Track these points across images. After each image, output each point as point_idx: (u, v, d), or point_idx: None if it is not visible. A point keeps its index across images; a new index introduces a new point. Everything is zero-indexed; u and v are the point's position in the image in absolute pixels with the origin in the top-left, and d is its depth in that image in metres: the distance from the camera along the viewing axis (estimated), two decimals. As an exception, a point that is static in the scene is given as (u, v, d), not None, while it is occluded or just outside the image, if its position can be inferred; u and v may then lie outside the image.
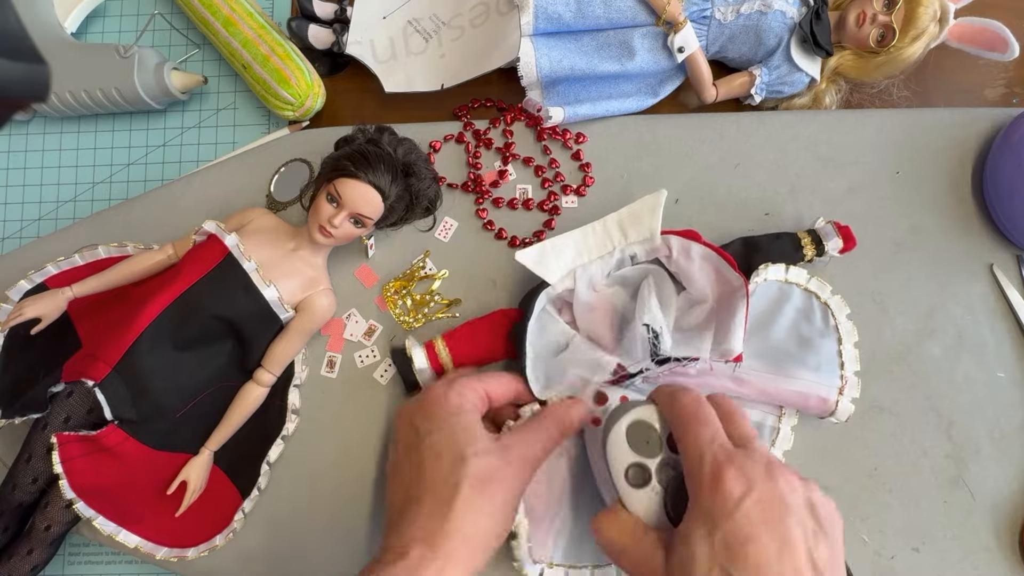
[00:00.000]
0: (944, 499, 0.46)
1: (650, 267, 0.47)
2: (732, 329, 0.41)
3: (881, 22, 0.48)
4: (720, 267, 0.44)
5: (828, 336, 0.45)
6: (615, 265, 0.46)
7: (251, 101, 0.57)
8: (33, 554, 0.45)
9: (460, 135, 0.52)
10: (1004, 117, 0.51)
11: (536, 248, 0.45)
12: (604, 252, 0.46)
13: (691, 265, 0.45)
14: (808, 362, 0.44)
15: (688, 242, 0.45)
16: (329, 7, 0.55)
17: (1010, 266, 0.49)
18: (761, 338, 0.45)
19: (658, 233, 0.45)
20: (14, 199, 0.56)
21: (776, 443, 0.45)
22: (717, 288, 0.45)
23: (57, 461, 0.43)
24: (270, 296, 0.45)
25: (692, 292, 0.45)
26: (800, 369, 0.44)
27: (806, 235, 0.47)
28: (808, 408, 0.44)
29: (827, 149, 0.51)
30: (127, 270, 0.48)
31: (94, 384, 0.43)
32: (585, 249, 0.46)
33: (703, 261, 0.45)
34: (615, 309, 0.46)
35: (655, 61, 0.50)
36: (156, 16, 0.58)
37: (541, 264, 0.45)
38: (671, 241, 0.45)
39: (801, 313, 0.46)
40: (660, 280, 0.46)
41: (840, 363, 0.45)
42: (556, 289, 0.45)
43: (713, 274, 0.45)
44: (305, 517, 0.47)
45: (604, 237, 0.46)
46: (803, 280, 0.46)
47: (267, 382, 0.47)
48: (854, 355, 0.45)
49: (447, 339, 0.46)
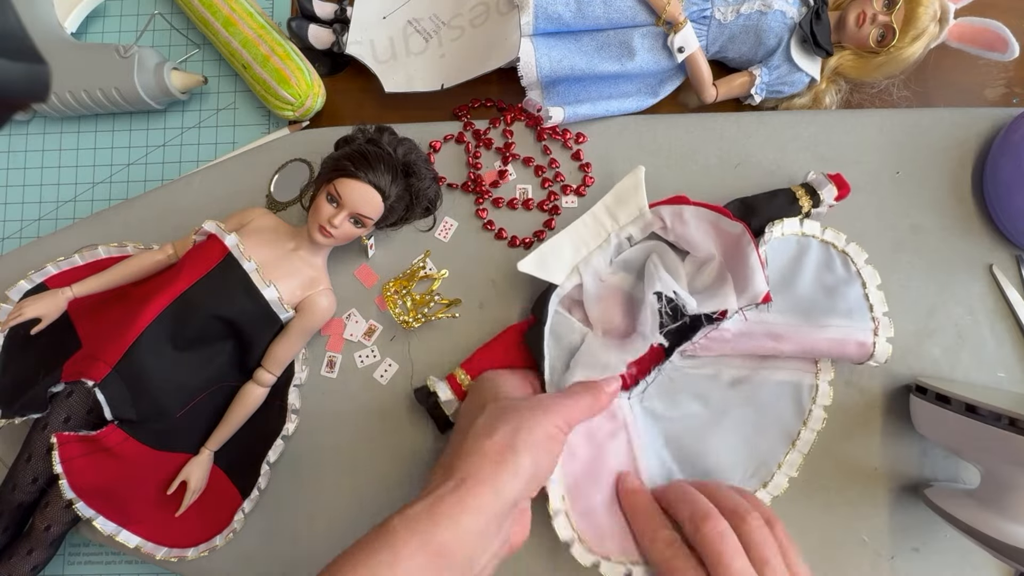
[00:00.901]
0: (942, 497, 0.46)
1: (649, 243, 0.47)
2: (750, 274, 0.42)
3: (881, 22, 0.48)
4: (716, 221, 0.45)
5: (852, 282, 0.46)
6: (615, 251, 0.47)
7: (251, 101, 0.57)
8: (33, 554, 0.45)
9: (460, 135, 0.52)
10: (1004, 117, 0.51)
11: (535, 254, 0.45)
12: (601, 240, 0.46)
13: (687, 228, 0.45)
14: (839, 308, 0.45)
15: (679, 207, 0.46)
16: (329, 7, 0.55)
17: (1010, 266, 0.49)
18: (788, 294, 0.45)
19: (647, 208, 0.46)
20: (14, 199, 0.56)
21: (816, 400, 0.46)
22: (720, 242, 0.45)
23: (57, 461, 0.43)
24: (270, 296, 0.45)
25: (697, 253, 0.46)
26: (833, 317, 0.44)
27: (800, 188, 0.47)
28: (846, 355, 0.45)
29: (827, 149, 0.51)
30: (127, 270, 0.48)
31: (94, 384, 0.43)
32: (581, 242, 0.46)
33: (698, 220, 0.45)
34: (625, 294, 0.46)
35: (655, 61, 0.50)
36: (156, 16, 0.58)
37: (543, 268, 0.45)
38: (662, 212, 0.46)
39: (822, 264, 0.47)
40: (662, 253, 0.47)
41: (869, 306, 0.45)
42: (565, 288, 0.45)
43: (712, 230, 0.45)
44: (305, 517, 0.47)
45: (596, 226, 0.46)
46: (818, 232, 0.47)
47: (267, 382, 0.47)
48: (880, 297, 0.46)
49: (466, 367, 0.46)
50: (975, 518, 0.40)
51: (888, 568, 0.46)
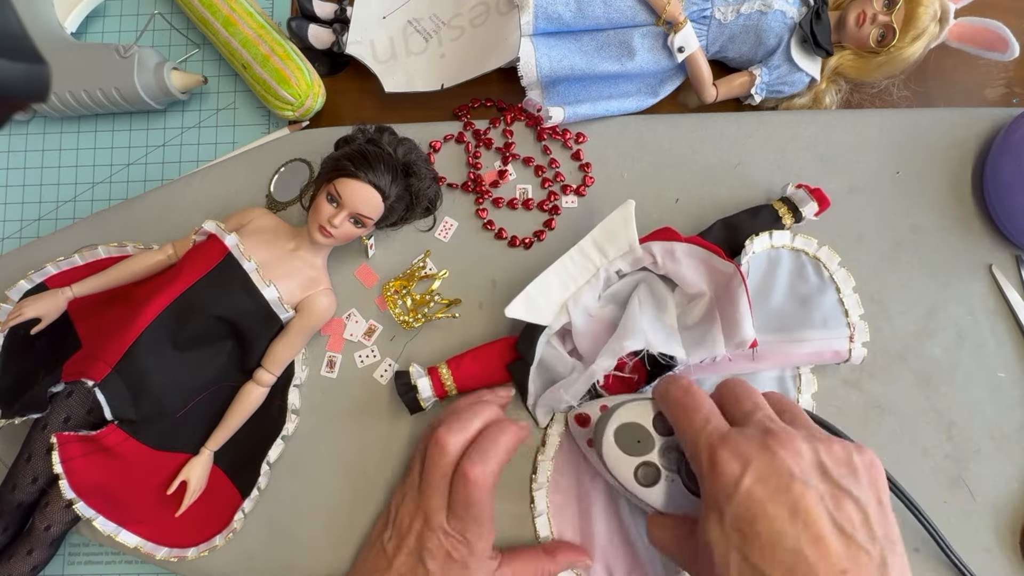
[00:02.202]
0: (944, 499, 0.46)
1: (639, 274, 0.46)
2: (739, 319, 0.41)
3: (881, 22, 0.48)
4: (708, 259, 0.44)
5: (826, 289, 0.46)
6: (603, 285, 0.46)
7: (251, 101, 0.57)
8: (33, 554, 0.45)
9: (460, 135, 0.52)
10: (1004, 117, 0.51)
11: (522, 296, 0.44)
12: (589, 276, 0.45)
13: (679, 266, 0.44)
14: (814, 319, 0.45)
15: (670, 244, 0.44)
16: (329, 7, 0.55)
17: (1010, 266, 0.49)
18: (763, 309, 0.45)
19: (636, 244, 0.44)
20: (14, 199, 0.56)
21: (802, 388, 0.46)
22: (711, 280, 0.44)
23: (57, 461, 0.43)
24: (270, 296, 0.45)
25: (688, 290, 0.45)
26: (808, 330, 0.44)
27: (781, 204, 0.47)
28: (823, 361, 0.45)
29: (827, 149, 0.51)
30: (127, 270, 0.48)
31: (94, 384, 0.43)
32: (570, 279, 0.45)
33: (689, 258, 0.44)
34: (614, 327, 0.45)
35: (655, 61, 0.50)
36: (156, 16, 0.58)
37: (532, 309, 0.44)
38: (653, 248, 0.45)
39: (794, 273, 0.47)
40: (652, 284, 0.46)
41: (844, 311, 0.45)
42: (554, 328, 0.45)
43: (703, 267, 0.44)
44: (305, 517, 0.47)
45: (584, 261, 0.45)
46: (788, 241, 0.47)
47: (267, 382, 0.47)
48: (855, 300, 0.46)
49: (452, 367, 0.46)
50: None
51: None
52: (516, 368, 0.45)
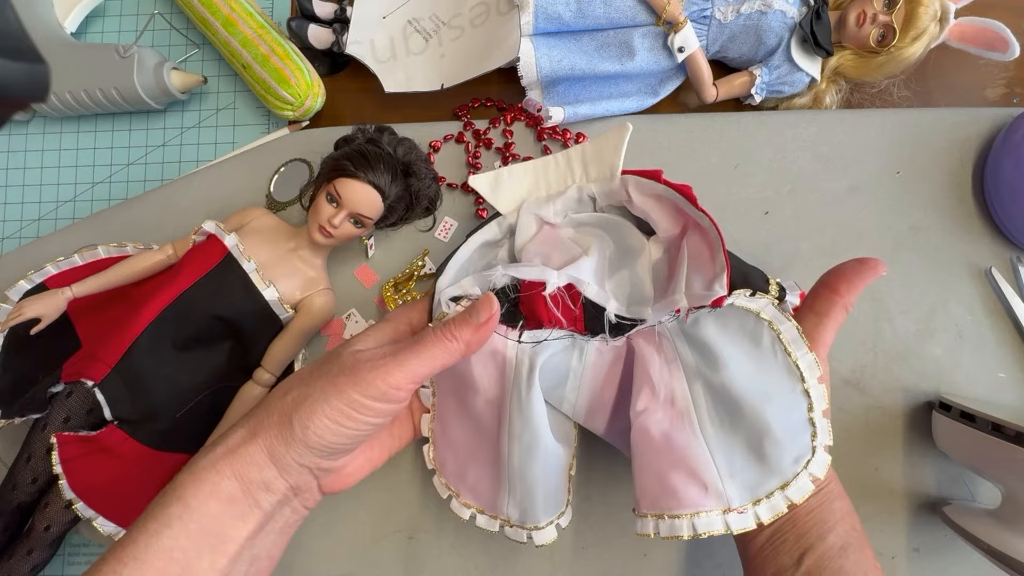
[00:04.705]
0: (946, 499, 0.46)
1: (612, 219, 0.42)
2: (715, 272, 0.35)
3: (881, 22, 0.48)
4: (685, 207, 0.39)
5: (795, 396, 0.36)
6: (574, 204, 0.43)
7: (251, 101, 0.57)
8: (33, 554, 0.45)
9: (460, 135, 0.52)
10: (1005, 117, 0.51)
11: (491, 174, 0.42)
12: (563, 187, 0.42)
13: (651, 207, 0.40)
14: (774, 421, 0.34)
15: (649, 183, 0.40)
16: (329, 7, 0.55)
17: (1010, 266, 0.49)
18: (721, 378, 0.35)
19: (618, 172, 0.41)
20: (14, 199, 0.56)
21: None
22: (679, 226, 0.40)
23: (57, 461, 0.42)
24: (270, 296, 0.45)
25: (660, 234, 0.41)
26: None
27: (774, 280, 0.38)
28: None
29: (827, 149, 0.51)
30: (127, 270, 0.48)
31: (94, 384, 0.43)
32: (543, 181, 0.43)
33: (663, 202, 0.40)
34: (560, 247, 0.41)
35: (655, 61, 0.50)
36: (156, 16, 0.58)
37: (495, 191, 0.42)
38: (629, 184, 0.41)
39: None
40: (623, 232, 0.42)
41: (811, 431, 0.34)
42: (506, 221, 0.42)
43: (678, 215, 0.40)
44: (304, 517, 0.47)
45: (565, 170, 0.42)
46: (768, 314, 0.35)
47: (267, 382, 0.47)
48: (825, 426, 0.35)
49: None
50: (995, 537, 0.40)
51: (888, 568, 0.46)
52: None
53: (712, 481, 0.33)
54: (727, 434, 0.34)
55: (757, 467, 0.33)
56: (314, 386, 0.33)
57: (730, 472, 0.33)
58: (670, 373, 0.36)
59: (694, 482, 0.33)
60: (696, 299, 0.35)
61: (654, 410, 0.35)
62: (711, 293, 0.35)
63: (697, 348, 0.36)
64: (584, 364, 0.39)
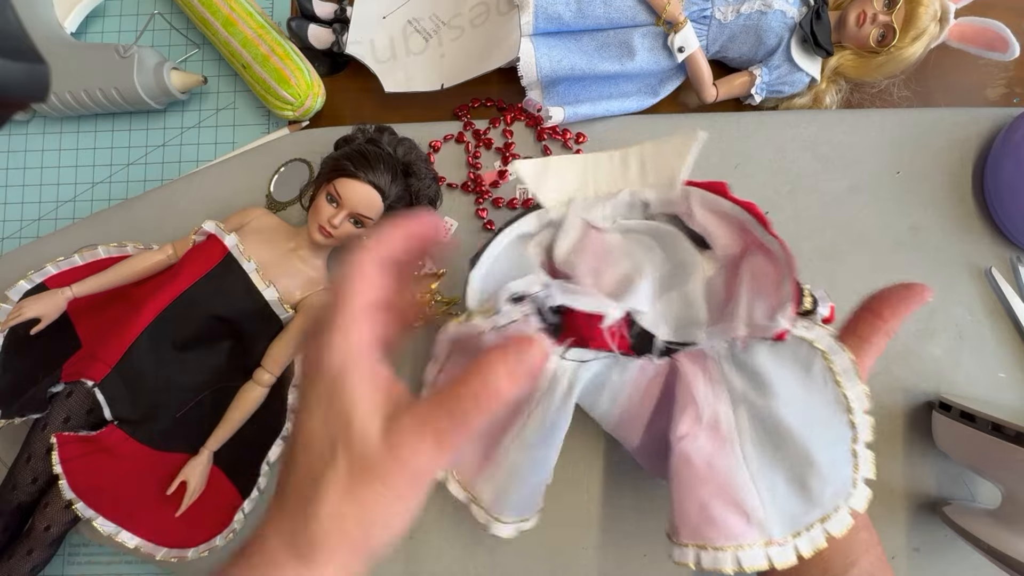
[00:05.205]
0: (945, 499, 0.46)
1: (661, 227, 0.39)
2: (779, 301, 0.33)
3: (881, 22, 0.48)
4: (752, 227, 0.36)
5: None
6: (624, 209, 0.39)
7: (251, 101, 0.57)
8: (33, 554, 0.45)
9: (460, 135, 0.52)
10: (1005, 117, 0.51)
11: (540, 160, 0.38)
12: (613, 187, 0.38)
13: (713, 224, 0.37)
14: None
15: (713, 198, 0.37)
16: (329, 7, 0.55)
17: (1010, 266, 0.49)
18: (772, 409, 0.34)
19: (679, 182, 0.37)
20: (14, 199, 0.56)
21: None
22: (740, 245, 0.37)
23: (57, 461, 0.43)
24: (270, 296, 0.45)
25: (719, 252, 0.38)
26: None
27: (808, 291, 0.36)
28: None
29: (827, 149, 0.51)
30: (127, 270, 0.48)
31: (94, 384, 0.43)
32: (592, 178, 0.39)
33: (728, 221, 0.37)
34: (607, 256, 0.38)
35: (655, 61, 0.50)
36: (156, 16, 0.58)
37: (539, 179, 0.38)
38: (691, 197, 0.37)
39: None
40: (676, 244, 0.38)
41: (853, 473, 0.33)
42: (547, 215, 0.38)
43: (741, 235, 0.37)
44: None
45: (619, 170, 0.38)
46: (827, 346, 0.34)
47: (267, 382, 0.47)
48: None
49: None
50: (995, 537, 0.40)
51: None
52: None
53: (754, 511, 0.32)
54: (770, 462, 0.33)
55: (799, 498, 0.32)
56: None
57: (772, 502, 0.32)
58: (715, 395, 0.35)
59: (736, 511, 0.32)
60: (758, 330, 0.33)
61: (696, 435, 0.34)
62: (774, 325, 0.33)
63: (746, 372, 0.35)
64: (624, 379, 0.38)
